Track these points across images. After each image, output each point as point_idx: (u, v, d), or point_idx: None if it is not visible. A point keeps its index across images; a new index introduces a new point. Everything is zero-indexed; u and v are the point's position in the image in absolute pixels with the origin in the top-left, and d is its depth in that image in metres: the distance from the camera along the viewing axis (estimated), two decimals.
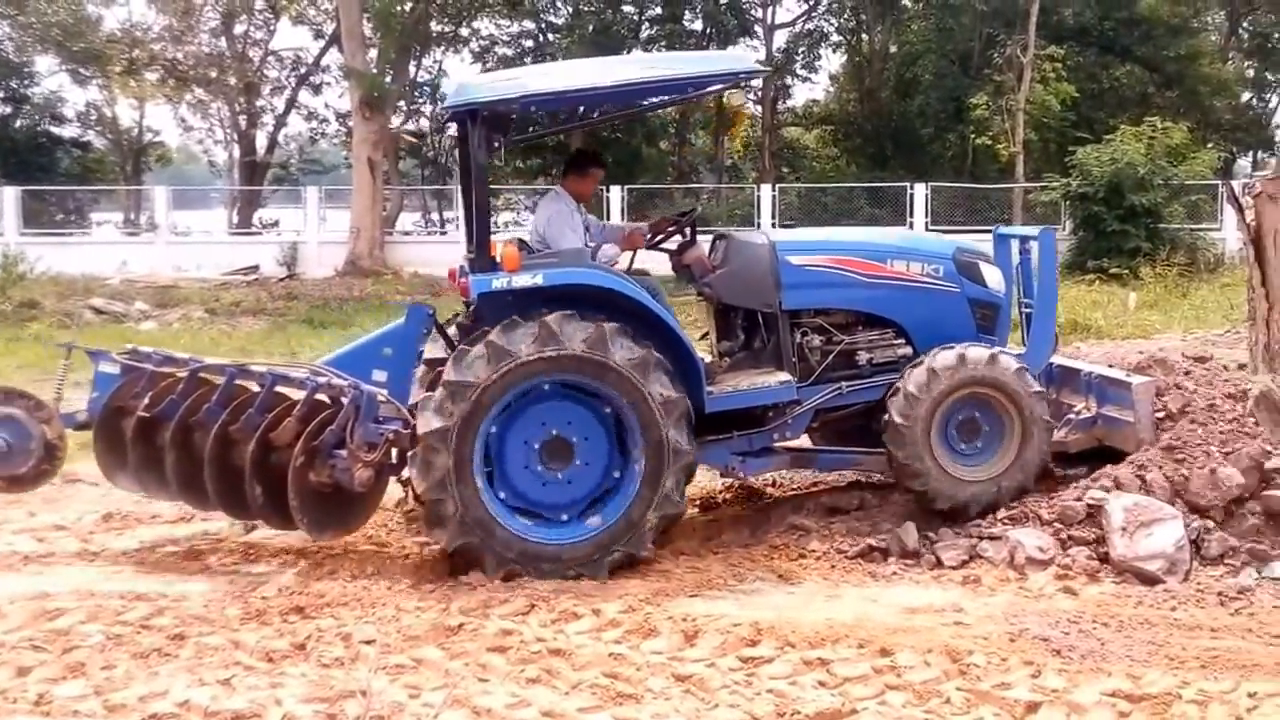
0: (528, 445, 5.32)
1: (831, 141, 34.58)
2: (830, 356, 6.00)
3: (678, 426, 5.28)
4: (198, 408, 5.52)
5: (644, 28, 32.66)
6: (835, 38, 34.28)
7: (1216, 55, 32.94)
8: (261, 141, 34.48)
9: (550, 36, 32.25)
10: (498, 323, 5.24)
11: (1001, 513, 5.58)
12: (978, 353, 5.72)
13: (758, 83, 33.23)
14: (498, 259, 5.43)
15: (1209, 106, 31.20)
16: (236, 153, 34.67)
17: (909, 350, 6.04)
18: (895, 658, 4.18)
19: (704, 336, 6.64)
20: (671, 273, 6.62)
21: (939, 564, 5.30)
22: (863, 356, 6.04)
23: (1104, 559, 5.16)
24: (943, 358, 5.69)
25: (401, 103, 32.19)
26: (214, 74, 32.34)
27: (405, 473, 5.50)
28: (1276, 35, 35.12)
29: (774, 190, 26.08)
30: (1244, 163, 33.47)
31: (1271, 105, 36.62)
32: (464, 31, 32.41)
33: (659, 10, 31.93)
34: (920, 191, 24.68)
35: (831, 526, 5.79)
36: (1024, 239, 6.58)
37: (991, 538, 5.38)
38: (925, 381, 5.65)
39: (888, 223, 23.50)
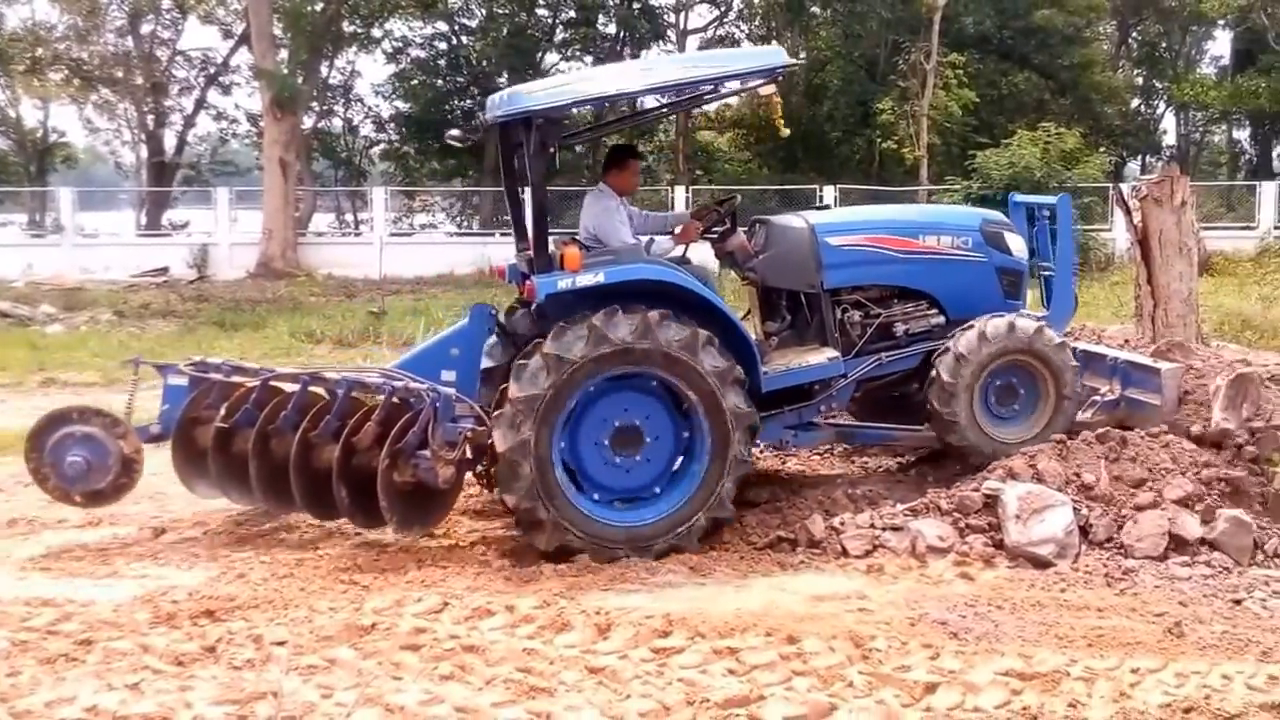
0: (602, 429, 5.54)
1: (744, 145, 35.03)
2: (870, 330, 6.33)
3: (734, 392, 5.52)
4: (274, 415, 5.71)
5: (558, 31, 32.71)
6: (747, 43, 34.75)
7: (1107, 64, 34.36)
8: (170, 142, 33.64)
9: (464, 39, 32.06)
10: (561, 319, 5.46)
11: (901, 505, 5.78)
12: (1026, 323, 6.12)
13: None
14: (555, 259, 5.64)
15: (1100, 113, 32.52)
16: (144, 153, 33.70)
17: (942, 320, 6.43)
18: (801, 644, 4.29)
19: (746, 316, 6.81)
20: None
21: (844, 553, 5.45)
22: (899, 328, 6.40)
23: (999, 545, 5.37)
24: (994, 324, 6.06)
25: (314, 103, 31.68)
26: (120, 74, 31.43)
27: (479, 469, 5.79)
28: (1164, 45, 36.81)
29: (688, 192, 26.34)
30: (1133, 166, 34.97)
31: (1159, 112, 38.36)
32: (376, 32, 32.02)
33: (573, 14, 32.00)
34: (829, 193, 25.16)
35: (742, 519, 5.90)
36: (1039, 206, 6.96)
37: (894, 528, 5.55)
38: (975, 345, 5.99)
39: None
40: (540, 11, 32.08)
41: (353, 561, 5.46)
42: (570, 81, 5.93)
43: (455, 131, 29.99)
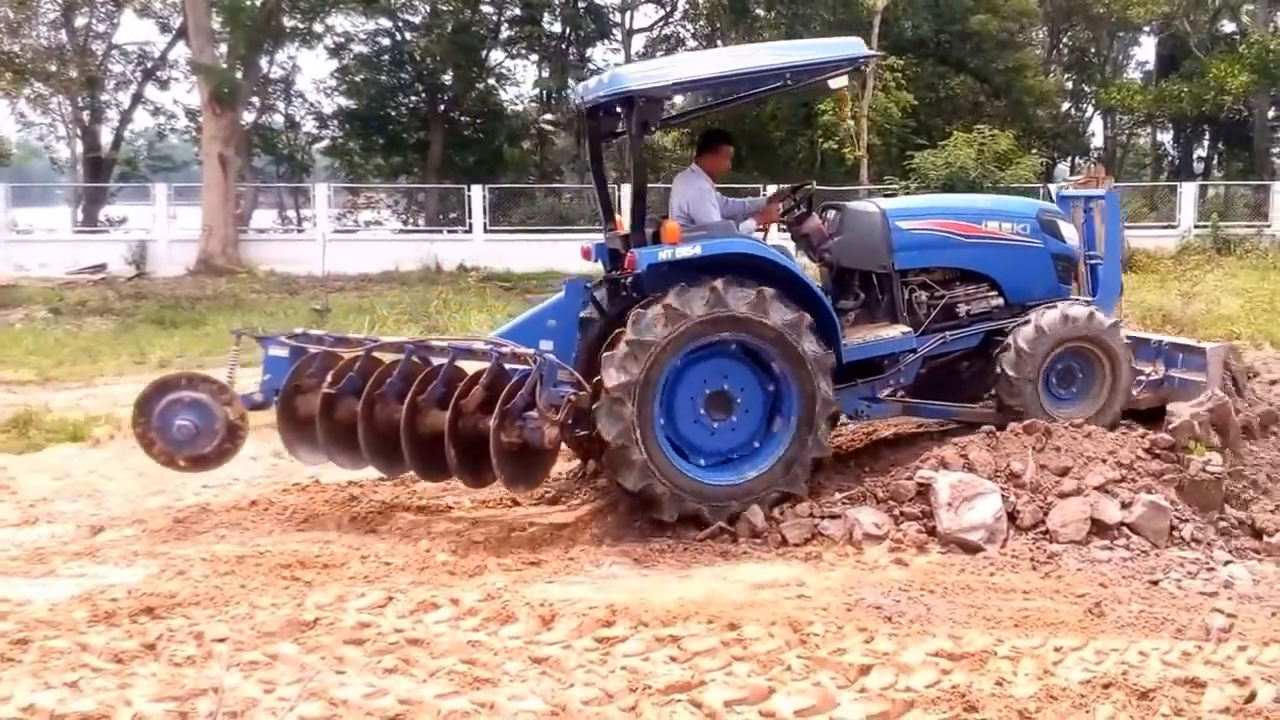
0: (695, 398, 5.88)
1: (688, 143, 35.19)
2: (935, 310, 6.70)
3: (826, 379, 5.89)
4: (380, 382, 5.92)
5: (503, 29, 32.61)
6: (691, 43, 34.94)
7: (1039, 68, 35.15)
8: (106, 137, 32.96)
9: (408, 35, 31.81)
10: (657, 289, 5.81)
11: (839, 494, 5.94)
12: (1078, 310, 6.47)
13: None
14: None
15: (1032, 116, 33.31)
16: (80, 149, 32.96)
17: (1001, 302, 6.81)
18: (742, 631, 4.37)
19: None
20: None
21: (784, 542, 5.58)
22: (962, 308, 6.79)
23: (932, 532, 5.53)
24: (1049, 315, 6.42)
25: (254, 99, 31.22)
26: (54, 68, 30.64)
27: (576, 434, 5.98)
28: (1092, 50, 37.76)
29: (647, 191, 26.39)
30: (1063, 167, 35.84)
31: (1087, 115, 39.32)
32: (318, 28, 31.65)
33: (518, 12, 31.91)
34: (771, 192, 25.42)
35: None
36: (1088, 198, 7.33)
37: (832, 516, 5.70)
38: (1034, 338, 6.33)
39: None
40: (485, 9, 31.96)
41: (295, 558, 5.44)
42: (672, 64, 6.25)
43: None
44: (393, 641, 4.31)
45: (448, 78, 31.97)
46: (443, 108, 31.99)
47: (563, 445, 6.19)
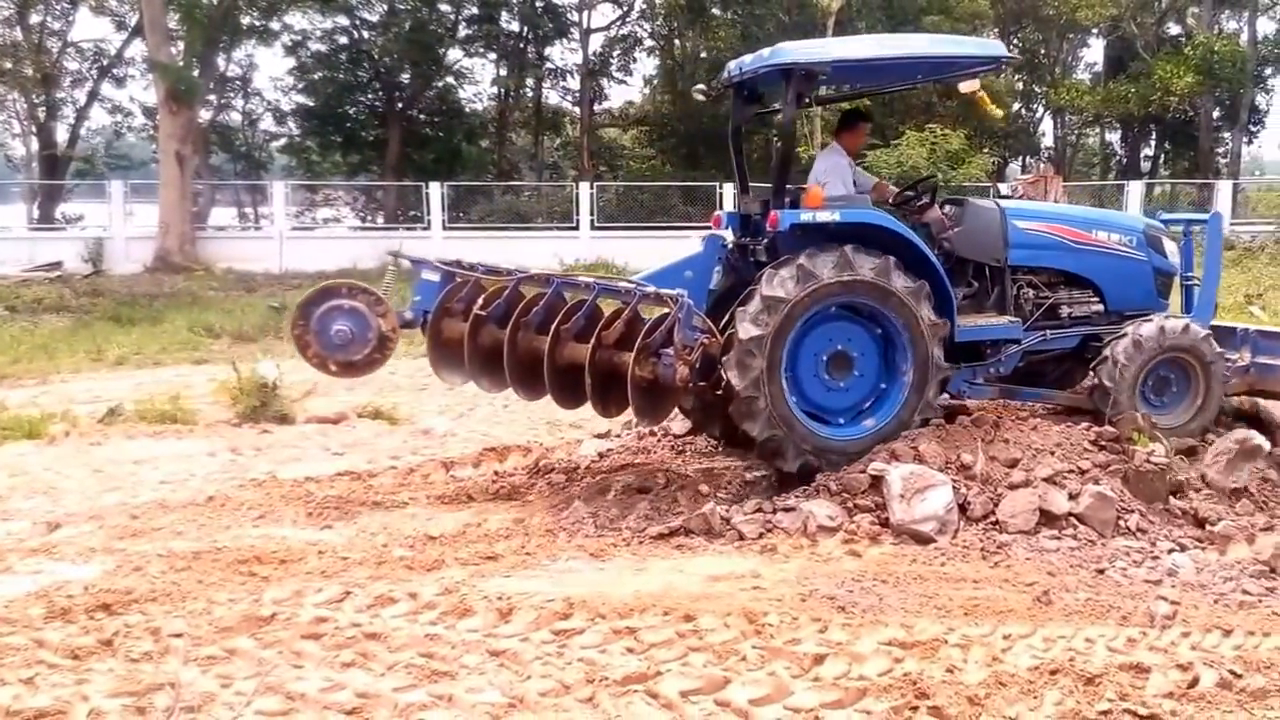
0: (817, 357, 6.24)
1: (647, 142, 35.33)
2: (1040, 307, 7.02)
3: (939, 346, 6.24)
4: (527, 312, 6.17)
5: (461, 27, 32.46)
6: (649, 42, 35.04)
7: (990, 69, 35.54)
8: (62, 135, 32.34)
9: (365, 34, 31.57)
10: (789, 252, 6.15)
11: (797, 489, 6.02)
12: (1174, 324, 6.75)
13: (576, 84, 33.66)
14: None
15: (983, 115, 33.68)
16: (35, 146, 32.36)
17: (1101, 308, 7.17)
18: (698, 622, 4.41)
19: None
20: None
21: (740, 536, 5.62)
22: (1065, 310, 7.13)
23: (885, 523, 5.61)
24: (1146, 329, 6.70)
25: (211, 96, 30.85)
26: (9, 65, 30.06)
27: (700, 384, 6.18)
28: (1042, 52, 38.35)
29: (592, 189, 26.45)
30: (1014, 167, 36.33)
31: (1038, 115, 39.88)
32: (275, 25, 31.29)
33: (475, 10, 31.78)
34: (730, 190, 25.61)
35: (637, 506, 6.07)
36: (1189, 222, 7.71)
37: (787, 509, 5.76)
38: (1132, 351, 6.58)
39: (699, 220, 24.25)
40: (443, 7, 31.76)
41: (252, 553, 5.41)
42: (831, 44, 6.55)
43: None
44: (350, 636, 4.32)
45: (405, 76, 31.76)
46: (400, 106, 31.79)
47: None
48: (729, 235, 7.04)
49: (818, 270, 6.04)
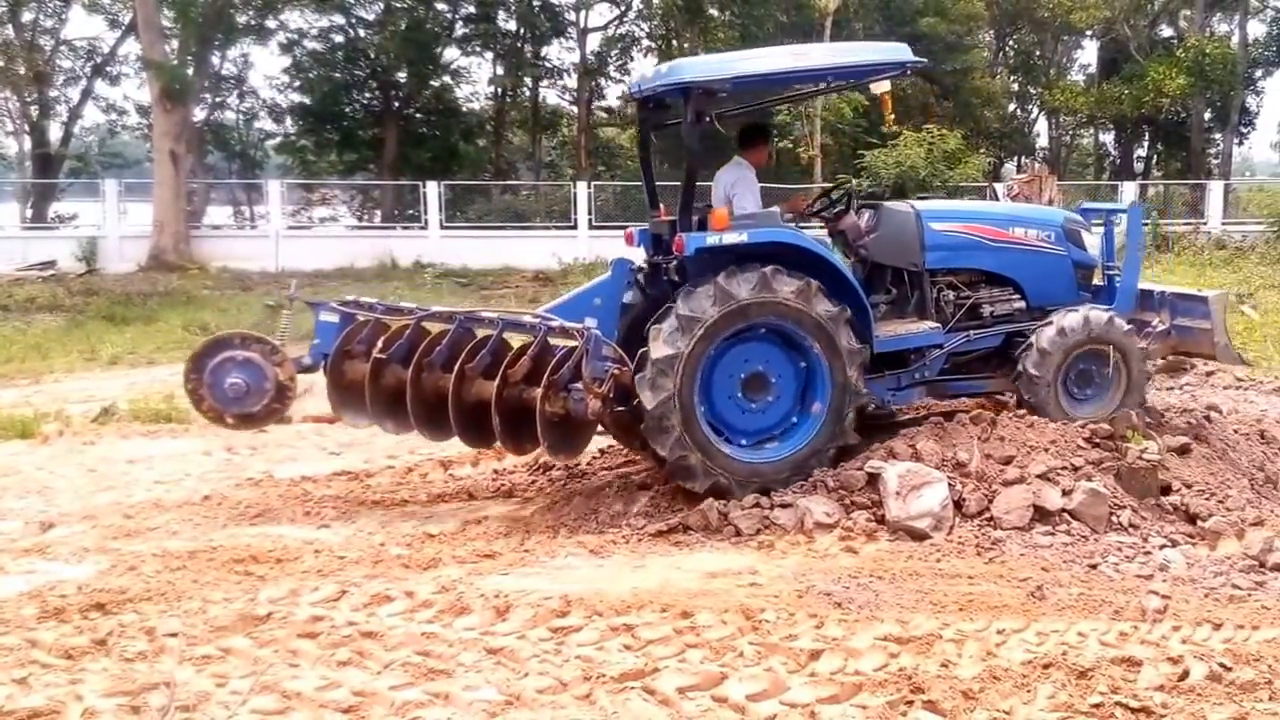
0: (733, 378, 6.09)
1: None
2: (962, 309, 6.94)
3: (858, 371, 6.15)
4: (429, 351, 6.07)
5: (458, 26, 32.44)
6: (646, 42, 35.00)
7: (986, 70, 35.74)
8: (55, 133, 32.31)
9: (361, 33, 31.54)
10: (700, 274, 6.02)
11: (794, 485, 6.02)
12: (1098, 315, 6.69)
13: (574, 83, 33.64)
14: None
15: (980, 116, 33.90)
16: (28, 145, 32.29)
17: (1023, 304, 7.06)
18: (695, 619, 4.43)
19: None
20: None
21: (738, 532, 5.64)
22: (986, 309, 7.03)
23: (881, 520, 5.63)
24: (1071, 318, 6.64)
25: (206, 95, 30.80)
26: (1, 62, 29.98)
27: (616, 410, 6.03)
28: (1037, 53, 38.48)
29: (590, 187, 26.45)
30: (1009, 167, 36.41)
31: (1033, 116, 40.01)
32: (270, 23, 31.25)
33: (472, 10, 31.76)
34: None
35: (637, 503, 6.08)
36: (1109, 212, 7.56)
37: (784, 505, 5.78)
38: (1056, 339, 6.53)
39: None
40: (440, 6, 31.75)
41: (247, 552, 5.42)
42: (731, 60, 6.35)
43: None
44: (346, 634, 4.32)
45: (402, 75, 31.71)
46: (397, 105, 31.76)
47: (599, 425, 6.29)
48: (641, 254, 6.89)
49: (735, 290, 5.91)
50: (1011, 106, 38.56)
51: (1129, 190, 28.08)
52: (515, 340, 6.18)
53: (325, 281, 21.15)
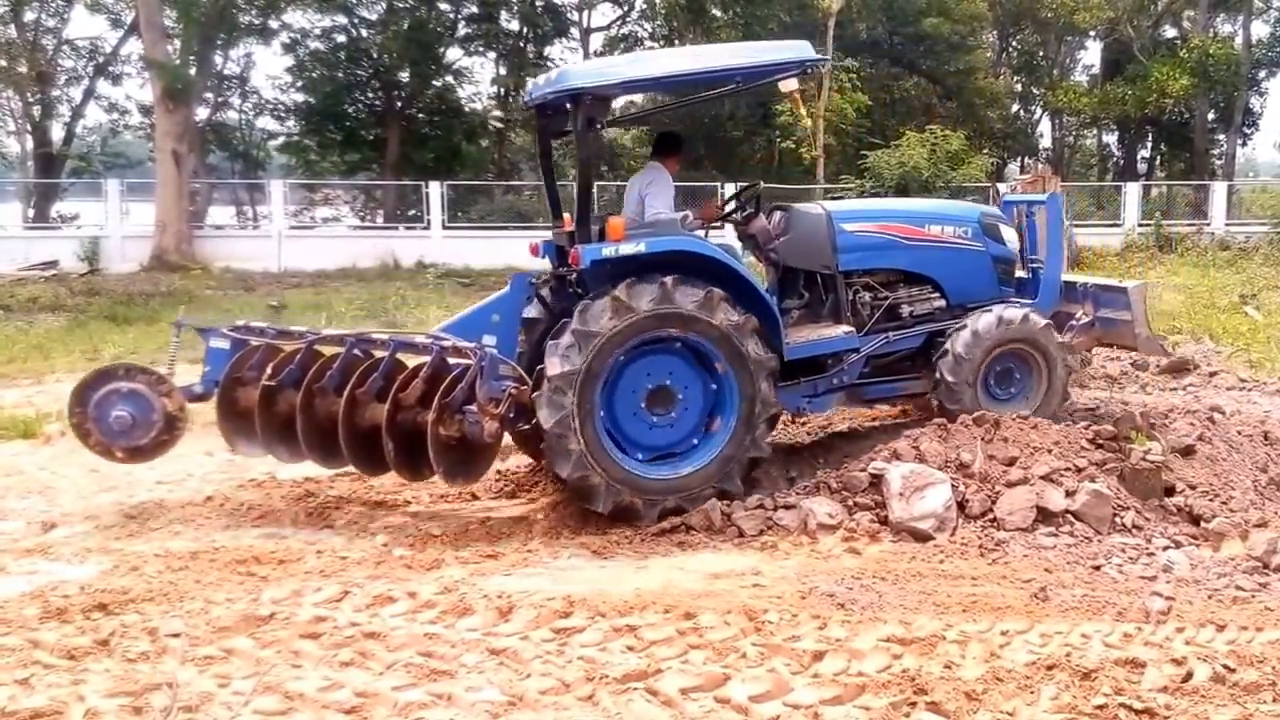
0: (636, 392, 5.89)
1: (648, 141, 35.28)
2: (879, 311, 6.80)
3: (768, 382, 5.93)
4: (320, 375, 5.90)
5: (460, 26, 32.46)
6: (649, 43, 35.05)
7: (989, 71, 35.77)
8: (58, 133, 32.38)
9: (364, 32, 31.57)
10: (600, 286, 5.79)
11: (797, 485, 6.05)
12: (1012, 313, 6.58)
13: None
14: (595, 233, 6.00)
15: (983, 117, 33.94)
16: (30, 144, 32.35)
17: (943, 303, 6.87)
18: (698, 620, 4.42)
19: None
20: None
21: (740, 533, 5.64)
22: (905, 310, 6.89)
23: (884, 521, 5.63)
24: (984, 320, 6.53)
25: (208, 94, 30.81)
26: (3, 62, 30.03)
27: (519, 428, 6.03)
28: (1040, 54, 38.47)
29: (593, 188, 26.46)
30: (1013, 167, 36.43)
31: (1036, 116, 40.02)
32: (273, 24, 31.28)
33: (475, 10, 31.78)
34: (731, 191, 25.59)
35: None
36: (1030, 203, 7.44)
37: (787, 507, 5.78)
38: (971, 343, 6.44)
39: None
40: (442, 6, 31.77)
41: (250, 553, 5.43)
42: (620, 64, 6.16)
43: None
44: (349, 635, 4.32)
45: (404, 75, 31.74)
46: (400, 105, 31.78)
47: (509, 440, 6.28)
48: (544, 266, 6.73)
49: (634, 303, 5.69)
50: (1015, 107, 38.59)
51: (1132, 191, 28.07)
52: (412, 361, 6.00)
53: (328, 281, 21.20)
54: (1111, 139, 40.84)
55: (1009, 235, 7.15)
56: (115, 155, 34.21)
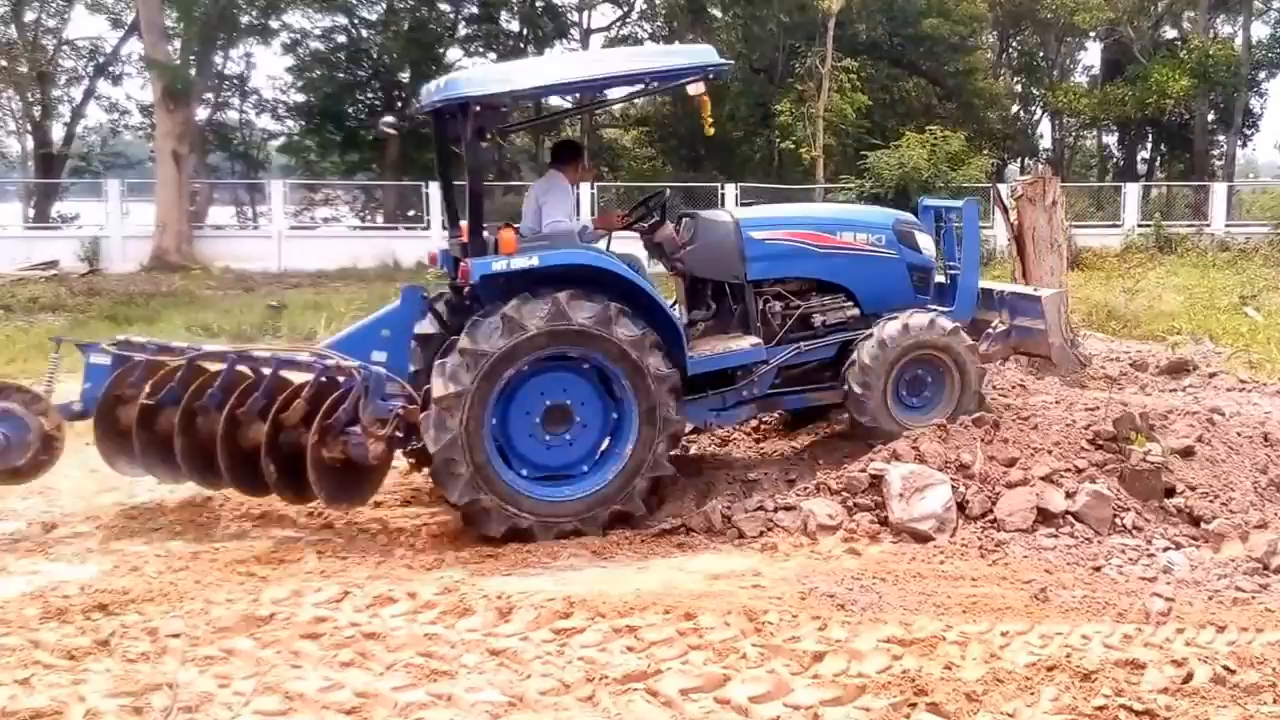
0: (530, 412, 5.68)
1: (648, 142, 35.39)
2: (790, 320, 6.63)
3: (669, 398, 5.74)
4: (201, 393, 5.69)
5: (460, 27, 32.49)
6: (649, 43, 35.04)
7: (989, 72, 35.79)
8: (58, 133, 32.39)
9: (364, 33, 31.59)
10: (493, 301, 5.59)
11: (797, 486, 6.03)
12: (919, 319, 6.40)
13: None
14: (490, 244, 5.77)
15: (983, 117, 33.93)
16: (31, 144, 32.38)
17: (857, 311, 6.70)
18: (698, 621, 4.42)
19: (674, 306, 6.87)
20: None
21: (741, 534, 5.64)
22: (817, 319, 6.70)
23: (884, 522, 5.63)
24: (890, 327, 6.34)
25: (209, 95, 30.82)
26: (3, 62, 30.05)
27: (410, 447, 5.83)
28: (1040, 55, 38.51)
29: (593, 189, 26.46)
30: (1013, 168, 36.37)
31: (1036, 117, 40.04)
32: (274, 24, 31.29)
33: (475, 10, 31.81)
34: (730, 191, 25.70)
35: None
36: (947, 209, 7.30)
37: (787, 508, 5.78)
38: (877, 352, 6.28)
39: None
40: (442, 6, 31.80)
41: (250, 554, 5.43)
42: (511, 71, 5.97)
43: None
44: (349, 635, 4.32)
45: (405, 75, 31.76)
46: (400, 105, 31.80)
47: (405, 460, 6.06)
48: (439, 275, 6.49)
49: (527, 320, 5.47)
50: (1015, 108, 38.58)
51: (1132, 192, 28.09)
52: (298, 378, 5.80)
53: (328, 281, 21.20)
54: (1111, 140, 40.89)
55: (924, 242, 6.96)
56: (115, 155, 34.28)
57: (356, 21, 31.64)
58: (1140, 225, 26.35)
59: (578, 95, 7.10)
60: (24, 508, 6.34)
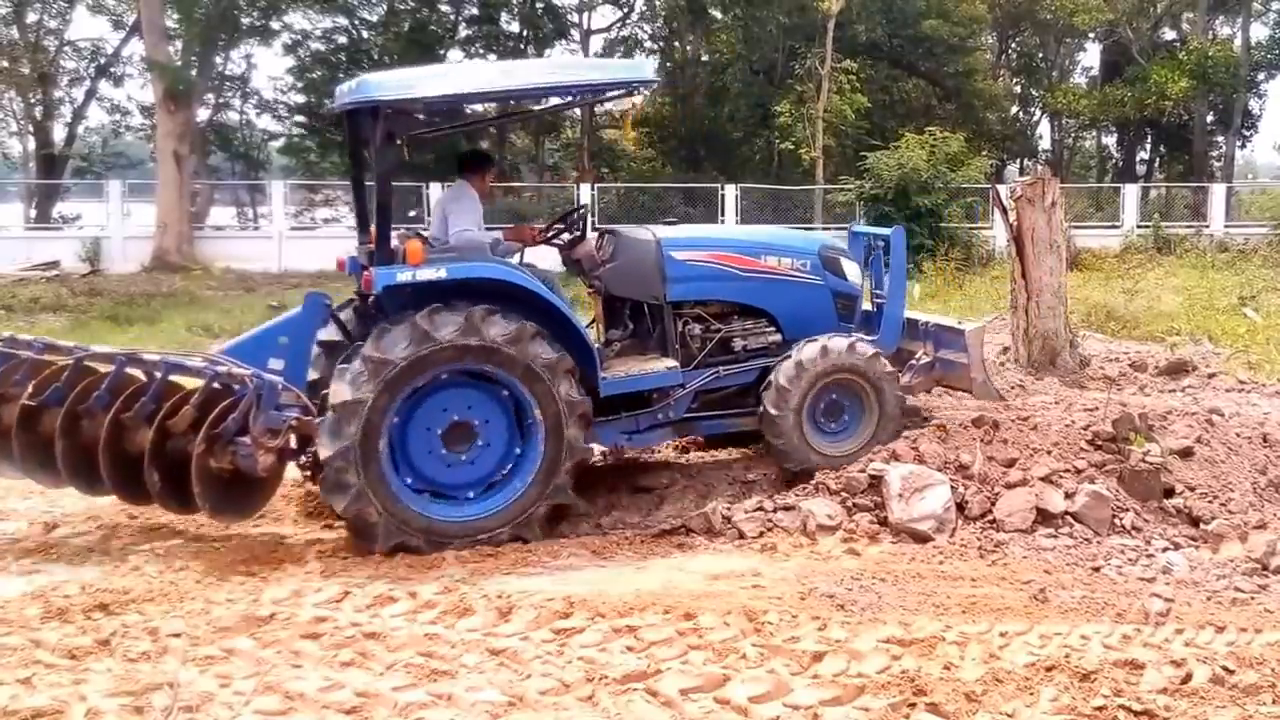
0: (431, 426, 5.52)
1: (648, 143, 35.40)
2: (710, 344, 6.49)
3: (578, 425, 5.59)
4: (86, 395, 5.45)
5: (461, 28, 32.51)
6: (649, 44, 35.12)
7: (989, 73, 35.84)
8: (59, 134, 32.41)
9: (365, 33, 31.61)
10: (398, 313, 5.44)
11: (797, 486, 6.03)
12: (838, 343, 6.28)
13: None
14: (398, 253, 5.60)
15: (982, 118, 33.97)
16: (32, 145, 32.41)
17: (779, 337, 6.59)
18: (698, 621, 4.43)
19: (592, 324, 6.87)
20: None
21: (740, 534, 5.64)
22: (738, 343, 6.57)
23: (884, 522, 5.63)
24: (808, 350, 6.22)
25: (209, 96, 30.85)
26: (5, 63, 30.08)
27: (303, 460, 5.65)
28: (1039, 56, 38.55)
29: (593, 190, 26.49)
30: (1012, 169, 36.40)
31: (1035, 118, 40.07)
32: (274, 25, 31.31)
33: (475, 11, 31.83)
34: (730, 192, 25.72)
35: (640, 504, 6.09)
36: (876, 236, 7.19)
37: (787, 508, 5.78)
38: (794, 374, 6.16)
39: (700, 220, 24.36)
40: (443, 8, 31.83)
41: (250, 553, 5.43)
42: (423, 77, 5.79)
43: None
44: (349, 635, 4.32)
45: None
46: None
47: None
48: (345, 285, 6.27)
49: (436, 332, 5.31)
50: (1014, 109, 38.63)
51: (1131, 192, 28.12)
52: (190, 384, 5.56)
53: (329, 282, 21.18)
54: (1111, 141, 40.96)
55: (850, 269, 6.86)
56: (116, 156, 34.31)
57: (357, 22, 31.69)
58: (1139, 226, 26.36)
59: (509, 104, 6.93)
60: (24, 508, 6.35)
